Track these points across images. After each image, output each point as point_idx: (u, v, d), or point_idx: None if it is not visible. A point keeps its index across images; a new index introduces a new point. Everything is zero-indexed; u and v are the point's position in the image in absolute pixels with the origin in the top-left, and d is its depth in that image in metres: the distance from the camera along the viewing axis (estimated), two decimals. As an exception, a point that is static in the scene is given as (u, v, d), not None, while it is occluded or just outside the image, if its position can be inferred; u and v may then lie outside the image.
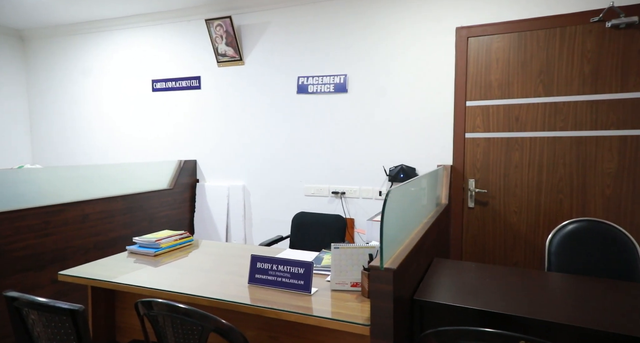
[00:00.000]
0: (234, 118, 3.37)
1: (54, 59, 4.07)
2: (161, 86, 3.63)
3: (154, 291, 1.51)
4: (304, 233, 2.70)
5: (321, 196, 3.10)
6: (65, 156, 4.12)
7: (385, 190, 2.90)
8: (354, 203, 3.01)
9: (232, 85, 3.36)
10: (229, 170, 3.43)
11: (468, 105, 2.64)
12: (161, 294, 1.50)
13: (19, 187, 2.28)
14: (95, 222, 2.60)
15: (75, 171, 2.75)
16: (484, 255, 2.66)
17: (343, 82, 2.97)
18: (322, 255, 1.85)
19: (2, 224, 2.06)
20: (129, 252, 2.01)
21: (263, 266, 1.52)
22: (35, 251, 2.23)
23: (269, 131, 3.25)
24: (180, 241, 2.08)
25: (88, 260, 2.54)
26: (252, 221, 3.37)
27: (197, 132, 3.53)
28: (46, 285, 2.29)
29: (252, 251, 2.03)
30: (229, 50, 3.28)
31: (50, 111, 4.15)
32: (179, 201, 3.36)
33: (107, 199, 2.69)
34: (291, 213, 3.15)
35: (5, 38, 4.06)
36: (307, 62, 3.08)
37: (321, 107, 3.06)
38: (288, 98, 3.16)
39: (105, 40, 3.83)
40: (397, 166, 2.81)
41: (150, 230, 3.04)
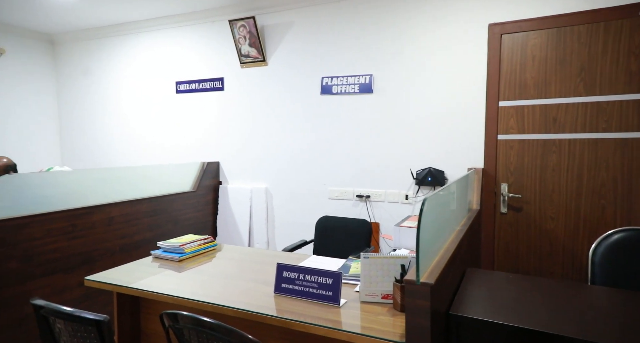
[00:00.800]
0: (257, 119, 3.34)
1: (82, 62, 4.16)
2: (185, 88, 3.64)
3: (178, 299, 1.48)
4: (328, 237, 2.64)
5: (345, 200, 3.03)
6: (92, 157, 4.21)
7: (412, 194, 2.80)
8: (379, 206, 2.92)
9: (255, 86, 3.33)
10: (251, 172, 3.40)
11: (501, 105, 2.51)
12: (186, 302, 1.47)
13: (46, 190, 2.31)
14: (121, 225, 2.62)
15: (101, 173, 2.79)
16: (517, 263, 2.52)
17: (368, 82, 2.89)
18: (349, 262, 1.78)
19: (31, 227, 2.09)
20: (154, 257, 2.00)
21: (289, 276, 1.47)
22: (64, 254, 2.26)
23: (292, 133, 3.21)
24: (204, 245, 2.06)
25: (115, 262, 2.56)
26: (274, 224, 3.33)
27: (220, 134, 3.52)
28: (74, 287, 2.32)
29: (275, 257, 1.98)
30: (252, 51, 3.25)
31: (78, 114, 4.24)
32: (202, 203, 3.36)
33: (133, 202, 2.71)
34: (314, 217, 3.09)
35: (36, 43, 4.18)
36: (332, 63, 3.01)
37: (346, 108, 2.99)
38: (312, 99, 3.10)
39: (130, 43, 3.88)
40: (425, 169, 2.70)
41: (174, 233, 3.05)
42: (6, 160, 3.06)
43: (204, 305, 1.44)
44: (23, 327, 2.06)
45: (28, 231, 2.08)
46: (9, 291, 2.00)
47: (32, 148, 4.17)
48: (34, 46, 4.16)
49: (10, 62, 3.95)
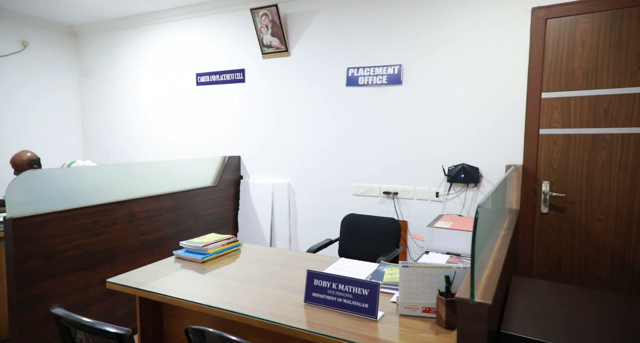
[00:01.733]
0: (279, 112, 3.23)
1: (103, 54, 4.12)
2: (205, 80, 3.55)
3: (203, 307, 1.39)
4: (354, 236, 2.52)
5: (371, 196, 2.89)
6: (114, 150, 4.20)
7: (443, 191, 2.64)
8: (407, 204, 2.77)
9: (277, 77, 3.20)
10: (273, 167, 3.30)
11: (544, 97, 2.31)
12: (210, 311, 1.38)
13: (68, 186, 2.27)
14: (143, 221, 2.57)
15: (122, 168, 2.74)
16: (558, 267, 2.34)
17: (397, 73, 2.72)
18: (382, 268, 1.65)
19: (54, 224, 2.06)
20: (176, 257, 1.93)
21: (321, 284, 1.36)
22: (86, 251, 2.22)
23: (316, 126, 3.08)
24: (227, 246, 1.97)
25: (136, 259, 2.52)
26: (297, 221, 3.23)
27: (241, 127, 3.43)
28: (97, 284, 2.29)
29: (302, 259, 1.88)
30: (274, 41, 3.12)
31: (100, 107, 4.23)
32: (223, 198, 3.29)
33: (154, 198, 2.65)
34: (339, 214, 2.98)
35: (59, 35, 4.17)
36: (358, 52, 2.85)
37: (373, 100, 2.83)
38: (337, 91, 2.96)
39: (150, 34, 3.81)
40: (458, 166, 2.53)
41: (195, 229, 2.99)
42: (30, 154, 3.06)
43: (229, 314, 1.34)
44: (47, 325, 2.03)
45: (50, 228, 2.04)
46: (33, 290, 1.97)
47: (54, 141, 4.19)
48: (56, 38, 4.14)
49: (33, 55, 3.95)
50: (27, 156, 3.02)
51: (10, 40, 3.77)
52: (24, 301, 1.94)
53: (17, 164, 2.98)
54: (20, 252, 1.91)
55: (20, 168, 2.99)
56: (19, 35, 3.83)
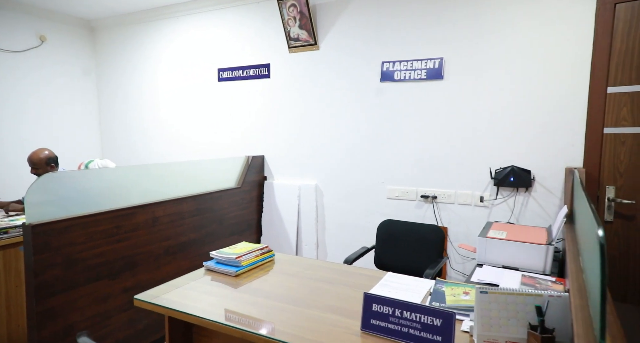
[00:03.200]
0: (307, 109, 3.04)
1: (121, 49, 3.99)
2: (227, 76, 3.38)
3: (243, 333, 1.22)
4: (392, 244, 2.32)
5: (407, 200, 2.69)
6: (131, 149, 4.08)
7: (488, 196, 2.42)
8: (447, 209, 2.56)
9: (304, 73, 3.01)
10: (300, 167, 3.12)
11: (610, 92, 2.07)
12: (251, 337, 1.20)
13: (89, 189, 2.12)
14: (166, 225, 2.42)
15: (143, 170, 2.59)
16: (626, 283, 2.11)
17: (438, 67, 2.50)
18: (440, 287, 1.46)
19: (75, 230, 1.91)
20: (206, 269, 1.76)
21: (382, 310, 1.17)
22: (108, 259, 2.08)
23: (346, 124, 2.88)
24: (261, 257, 1.80)
25: (158, 266, 2.37)
26: (325, 225, 3.05)
27: (265, 125, 3.25)
28: (118, 294, 2.14)
29: (345, 273, 1.69)
30: (302, 33, 2.93)
31: (117, 104, 4.10)
32: (247, 200, 3.13)
33: (177, 201, 2.49)
34: (370, 219, 2.79)
35: (76, 29, 4.05)
36: (394, 45, 2.64)
37: (409, 97, 2.62)
38: (370, 87, 2.76)
39: (170, 28, 3.65)
40: (507, 168, 2.31)
41: (219, 233, 2.83)
42: (47, 152, 2.94)
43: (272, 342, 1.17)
44: (67, 338, 1.90)
45: (71, 234, 1.90)
46: (54, 301, 1.83)
47: (71, 139, 4.08)
48: (73, 33, 4.02)
49: (51, 50, 3.84)
50: (44, 154, 2.90)
51: (28, 35, 3.66)
52: (43, 313, 1.80)
53: (35, 162, 2.86)
54: (40, 261, 1.77)
55: (37, 166, 2.87)
56: (37, 30, 3.71)
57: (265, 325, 1.25)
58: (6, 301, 2.23)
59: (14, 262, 2.27)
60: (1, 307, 2.21)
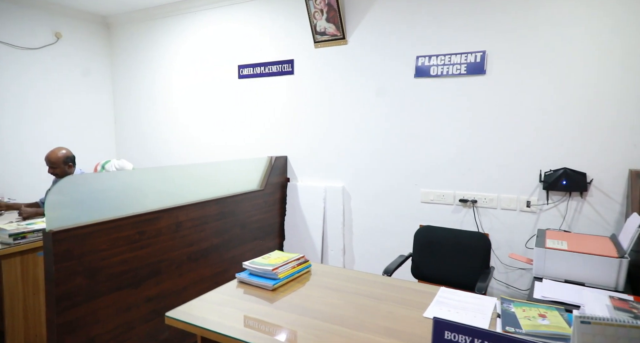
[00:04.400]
0: (333, 107, 2.88)
1: (137, 46, 3.88)
2: (248, 72, 3.24)
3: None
4: (431, 253, 2.16)
5: (443, 204, 2.52)
6: (146, 149, 3.96)
7: (536, 200, 2.24)
8: (488, 214, 2.39)
9: (331, 69, 2.86)
10: (325, 168, 2.97)
11: (678, 87, 1.87)
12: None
13: (110, 192, 2.00)
14: (189, 230, 2.28)
15: (163, 172, 2.46)
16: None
17: (480, 61, 2.32)
18: (508, 307, 1.29)
19: (98, 236, 1.78)
20: (239, 281, 1.61)
21: (457, 339, 1.01)
22: (131, 266, 1.95)
23: (376, 123, 2.72)
24: (298, 268, 1.65)
25: (181, 273, 2.24)
26: (352, 229, 2.89)
27: (288, 124, 3.10)
28: (141, 304, 2.01)
29: (392, 288, 1.53)
30: (329, 27, 2.77)
31: (133, 102, 3.99)
32: (269, 203, 2.99)
33: (200, 204, 2.36)
34: (402, 224, 2.63)
35: (92, 26, 3.94)
36: (430, 38, 2.47)
37: (447, 93, 2.45)
38: (403, 83, 2.59)
39: (187, 23, 3.52)
40: (558, 170, 2.13)
41: (242, 238, 2.70)
42: (65, 151, 2.84)
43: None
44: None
45: (94, 241, 1.77)
46: (75, 312, 1.71)
47: (86, 138, 3.98)
48: (89, 30, 3.92)
49: (66, 48, 3.74)
50: (62, 153, 2.80)
51: (43, 32, 3.56)
52: (64, 325, 1.68)
53: (52, 161, 2.76)
54: (62, 270, 1.64)
55: (55, 166, 2.77)
56: (52, 27, 3.62)
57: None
58: (24, 310, 2.12)
59: (32, 268, 2.16)
60: (19, 316, 2.11)
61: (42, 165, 2.89)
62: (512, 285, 2.34)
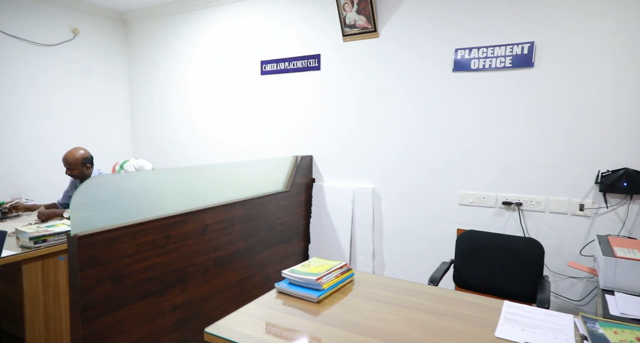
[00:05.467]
0: (362, 104, 2.74)
1: (154, 43, 3.78)
2: (272, 68, 3.11)
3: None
4: (476, 260, 2.00)
5: (484, 207, 2.36)
6: (164, 148, 3.86)
7: (590, 203, 2.06)
8: (535, 218, 2.22)
9: (361, 63, 2.71)
10: (354, 168, 2.82)
11: None
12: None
13: (136, 193, 1.88)
14: (215, 234, 2.16)
15: (188, 172, 2.33)
16: None
17: (528, 53, 2.16)
18: (593, 326, 1.13)
19: (124, 241, 1.66)
20: (278, 292, 1.48)
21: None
22: (157, 273, 1.83)
23: (409, 120, 2.57)
24: (342, 278, 1.51)
25: (207, 279, 2.11)
26: (382, 232, 2.74)
27: (313, 122, 2.97)
28: (167, 312, 1.89)
29: (449, 301, 1.38)
30: (360, 19, 2.62)
31: (149, 100, 3.89)
32: (295, 205, 2.85)
33: (227, 206, 2.23)
34: (437, 227, 2.47)
35: (109, 22, 3.86)
36: (471, 29, 2.31)
37: (489, 88, 2.29)
38: (440, 78, 2.43)
39: (207, 18, 3.41)
40: (618, 170, 1.96)
41: (268, 241, 2.57)
42: (83, 151, 2.75)
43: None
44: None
45: (120, 246, 1.65)
46: (101, 322, 1.59)
47: (102, 137, 3.89)
48: (106, 26, 3.84)
49: (84, 44, 3.66)
50: (80, 154, 2.70)
51: (61, 28, 3.48)
52: (89, 337, 1.56)
53: (70, 162, 2.67)
54: (87, 277, 1.53)
55: (72, 167, 2.68)
56: (69, 23, 3.54)
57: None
58: (44, 317, 2.02)
59: (53, 273, 2.05)
60: (39, 324, 2.00)
61: (60, 165, 2.81)
62: (561, 295, 2.17)
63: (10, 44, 3.18)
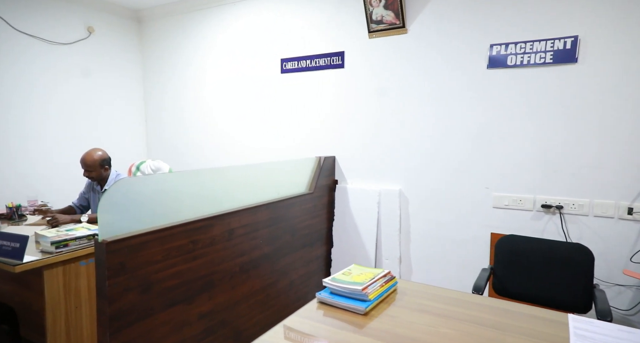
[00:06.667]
0: (389, 103, 2.64)
1: (169, 41, 3.70)
2: (292, 66, 3.02)
3: None
4: (518, 267, 1.89)
5: (521, 210, 2.25)
6: (179, 149, 3.78)
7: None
8: (577, 222, 2.10)
9: (387, 60, 2.61)
10: (379, 170, 2.72)
11: None
12: None
13: (159, 196, 1.79)
14: (241, 238, 2.07)
15: (212, 174, 2.25)
16: None
17: (571, 47, 2.04)
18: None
19: (152, 246, 1.58)
20: (319, 302, 1.38)
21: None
22: (184, 279, 1.74)
23: (438, 120, 2.46)
24: (386, 287, 1.41)
25: (234, 286, 2.02)
26: (409, 236, 2.64)
27: (336, 121, 2.87)
28: (194, 321, 1.80)
29: (503, 311, 1.28)
30: (387, 15, 2.52)
31: (164, 100, 3.82)
32: (318, 207, 2.75)
33: (252, 210, 2.14)
34: (469, 231, 2.37)
35: (123, 21, 3.79)
36: (507, 23, 2.20)
37: (527, 86, 2.18)
38: (473, 75, 2.33)
39: (224, 15, 3.33)
40: (671, 173, 1.84)
41: (292, 245, 2.47)
42: (101, 153, 2.68)
43: None
44: (142, 379, 1.57)
45: (147, 252, 1.56)
46: (129, 333, 1.51)
47: (117, 137, 3.82)
48: (120, 25, 3.77)
49: (98, 42, 3.59)
50: (98, 155, 2.63)
51: (76, 26, 3.42)
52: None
53: (88, 164, 2.60)
54: (115, 286, 1.44)
55: (90, 169, 2.61)
56: (84, 21, 3.47)
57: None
58: (66, 326, 1.94)
59: (74, 280, 1.97)
60: (61, 332, 1.92)
61: (75, 166, 2.74)
62: (614, 306, 2.05)
63: (26, 42, 3.11)
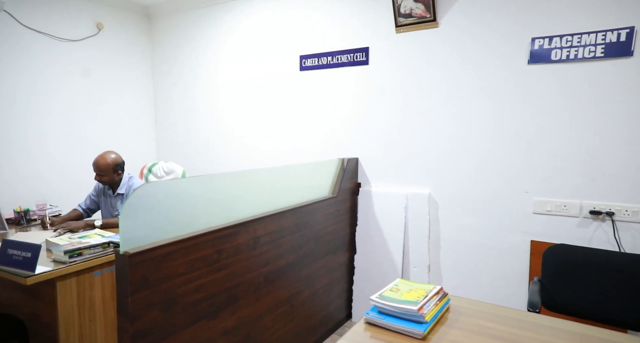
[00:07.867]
0: (416, 102, 2.49)
1: (180, 38, 3.57)
2: (312, 63, 2.88)
3: None
4: (571, 280, 1.73)
5: (565, 216, 2.09)
6: (190, 150, 3.64)
7: (702, 214, 1.78)
8: (630, 230, 1.94)
9: (416, 56, 2.46)
10: (406, 172, 2.57)
11: None
12: None
13: (184, 203, 1.65)
14: (266, 247, 1.92)
15: (233, 177, 2.11)
16: None
17: (625, 39, 1.89)
18: None
19: (176, 258, 1.44)
20: (367, 322, 1.23)
21: None
22: (208, 293, 1.60)
23: (472, 119, 2.31)
24: (440, 305, 1.26)
25: (259, 298, 1.88)
26: (439, 242, 2.48)
27: (360, 121, 2.72)
28: (218, 338, 1.66)
29: (572, 334, 1.12)
30: (417, 8, 2.37)
31: (174, 100, 3.68)
32: (342, 212, 2.61)
33: (277, 216, 2.00)
34: (506, 238, 2.22)
35: (133, 17, 3.66)
36: (551, 15, 2.05)
37: (573, 82, 2.02)
38: (511, 71, 2.17)
39: (238, 10, 3.19)
40: None
41: (316, 253, 2.33)
42: (114, 156, 2.55)
43: None
44: (165, 404, 1.42)
45: (170, 264, 1.42)
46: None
47: (126, 137, 3.68)
48: (130, 21, 3.64)
49: (108, 39, 3.47)
50: (111, 158, 2.51)
51: (85, 22, 3.29)
52: (136, 371, 1.33)
53: (101, 168, 2.47)
54: (138, 302, 1.30)
55: (103, 173, 2.49)
56: (94, 17, 3.35)
57: None
58: (79, 340, 1.79)
59: (88, 291, 1.84)
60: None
61: (83, 167, 2.61)
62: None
63: (35, 39, 2.99)
